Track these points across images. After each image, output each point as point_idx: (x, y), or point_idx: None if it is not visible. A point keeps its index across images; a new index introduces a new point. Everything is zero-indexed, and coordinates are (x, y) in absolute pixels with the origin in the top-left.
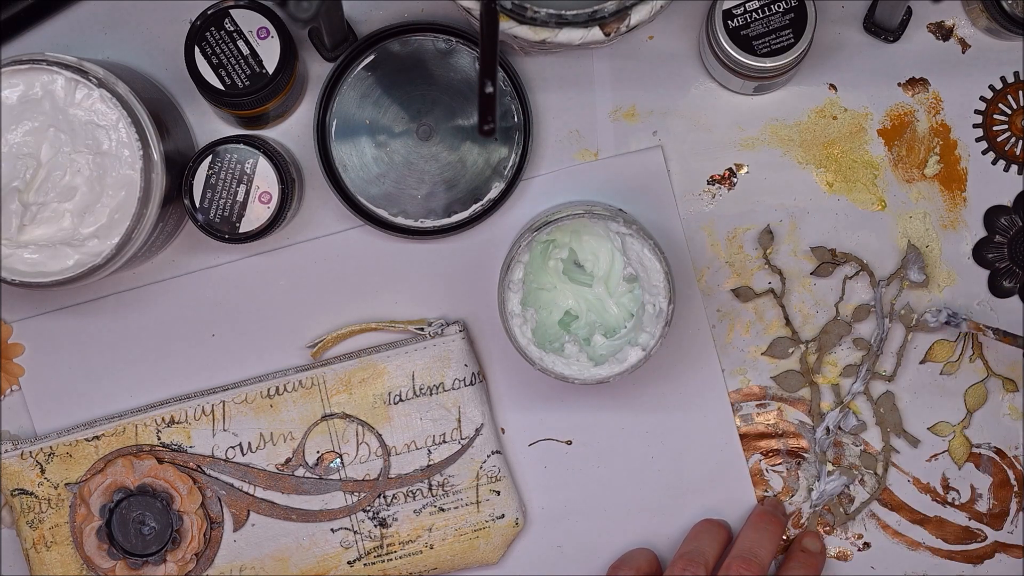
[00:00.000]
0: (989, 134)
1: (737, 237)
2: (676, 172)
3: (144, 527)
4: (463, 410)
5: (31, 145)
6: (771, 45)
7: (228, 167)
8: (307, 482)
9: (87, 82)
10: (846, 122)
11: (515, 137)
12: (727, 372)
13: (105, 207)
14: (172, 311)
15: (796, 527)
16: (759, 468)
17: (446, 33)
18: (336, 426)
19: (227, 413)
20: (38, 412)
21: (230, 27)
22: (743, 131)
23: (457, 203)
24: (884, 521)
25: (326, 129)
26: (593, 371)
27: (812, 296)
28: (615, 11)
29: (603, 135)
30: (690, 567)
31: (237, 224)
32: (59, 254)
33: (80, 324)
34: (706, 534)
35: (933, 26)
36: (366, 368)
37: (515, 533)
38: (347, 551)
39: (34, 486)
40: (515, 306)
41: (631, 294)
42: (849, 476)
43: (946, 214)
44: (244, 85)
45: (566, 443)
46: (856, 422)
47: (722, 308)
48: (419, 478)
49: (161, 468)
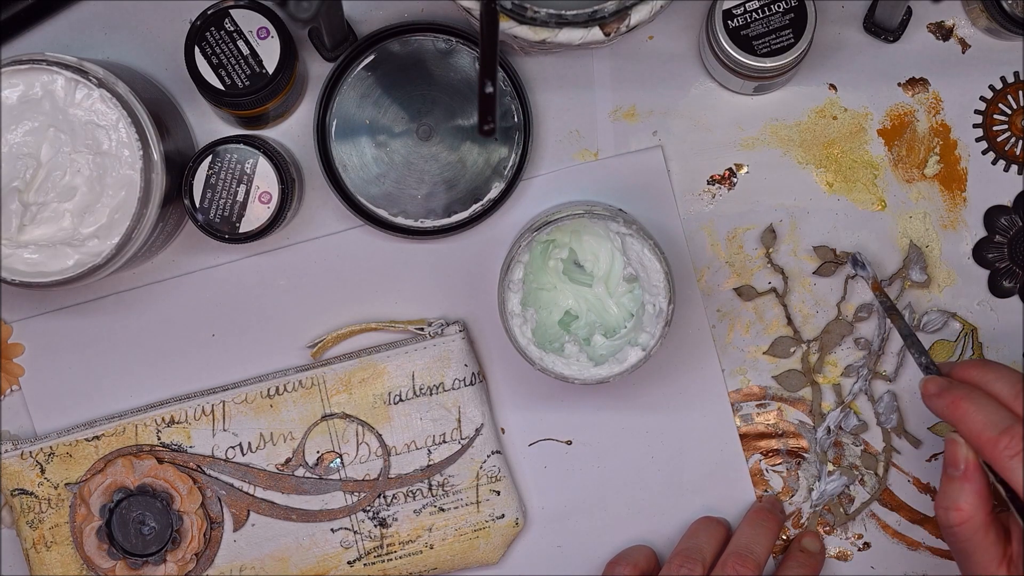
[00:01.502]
0: (989, 134)
1: (737, 237)
2: (676, 172)
3: (144, 527)
4: (463, 410)
5: (31, 145)
6: (771, 45)
7: (228, 167)
8: (307, 482)
9: (87, 82)
10: (846, 122)
11: (515, 137)
12: (727, 372)
13: (105, 207)
14: (172, 311)
15: (796, 527)
16: (759, 468)
17: (446, 33)
18: (336, 426)
19: (227, 413)
20: (38, 412)
21: (230, 27)
22: (743, 131)
23: (457, 203)
24: (884, 521)
25: (326, 129)
26: (593, 371)
27: (812, 296)
28: (615, 11)
29: (603, 135)
30: (687, 564)
31: (237, 224)
32: (59, 254)
33: (80, 324)
34: (704, 531)
35: (933, 26)
36: (366, 368)
37: (515, 533)
38: (347, 551)
39: (34, 486)
40: (515, 306)
41: (631, 294)
42: (850, 476)
43: (946, 214)
44: (244, 85)
45: (566, 443)
46: (857, 422)
47: (722, 308)
48: (419, 478)
49: (161, 468)
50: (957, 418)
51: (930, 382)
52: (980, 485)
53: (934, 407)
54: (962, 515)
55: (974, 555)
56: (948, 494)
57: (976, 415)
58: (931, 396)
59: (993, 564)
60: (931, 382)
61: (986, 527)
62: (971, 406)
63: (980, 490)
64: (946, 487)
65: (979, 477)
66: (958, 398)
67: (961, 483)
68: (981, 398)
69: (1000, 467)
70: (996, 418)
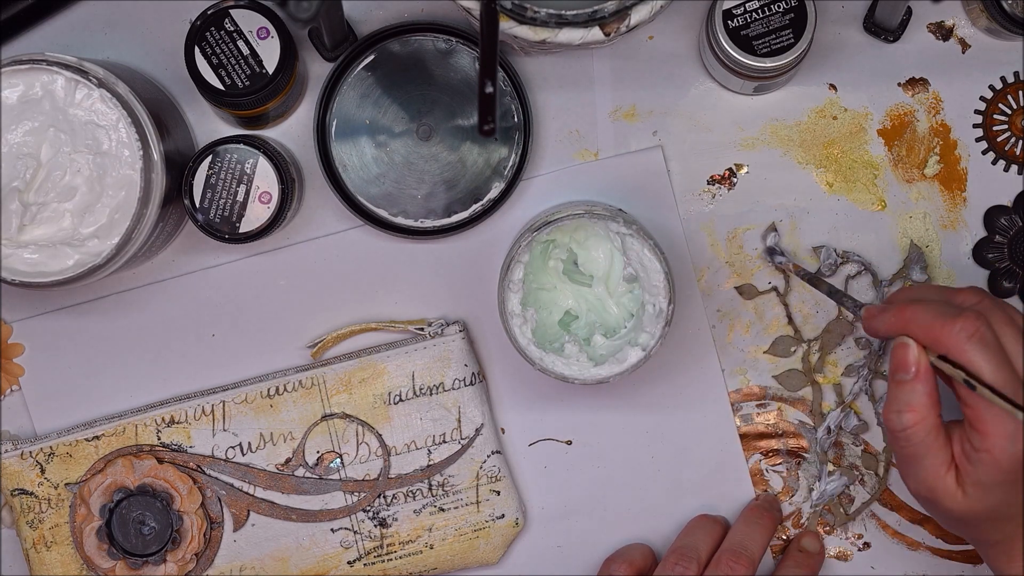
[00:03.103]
0: (989, 134)
1: (737, 237)
2: (676, 172)
3: (144, 527)
4: (463, 410)
5: (31, 145)
6: (771, 45)
7: (228, 167)
8: (307, 482)
9: (87, 82)
10: (846, 122)
11: (515, 137)
12: (727, 372)
13: (105, 207)
14: (172, 311)
15: (796, 527)
16: (759, 468)
17: (446, 33)
18: (336, 426)
19: (227, 413)
20: (38, 412)
21: (230, 27)
22: (743, 131)
23: (457, 203)
24: (884, 521)
25: (326, 129)
26: (593, 371)
27: (812, 295)
28: (615, 11)
29: (603, 135)
30: (681, 562)
31: (237, 224)
32: (59, 254)
33: (80, 324)
34: (700, 529)
35: (933, 26)
36: (366, 368)
37: (515, 533)
38: (347, 551)
39: (34, 486)
40: (515, 306)
41: (631, 294)
42: (850, 476)
43: (946, 214)
44: (244, 85)
45: (566, 443)
46: (857, 422)
47: (722, 308)
48: (419, 478)
49: (161, 468)
50: (904, 321)
51: (869, 308)
52: (931, 387)
53: (878, 326)
54: (915, 416)
55: (924, 459)
56: (899, 397)
57: (924, 311)
58: (873, 318)
59: (942, 469)
60: (870, 308)
61: (937, 429)
62: (917, 307)
63: (931, 392)
64: (895, 391)
65: (930, 379)
66: (901, 307)
67: (913, 385)
68: (923, 302)
69: (958, 351)
70: (944, 310)
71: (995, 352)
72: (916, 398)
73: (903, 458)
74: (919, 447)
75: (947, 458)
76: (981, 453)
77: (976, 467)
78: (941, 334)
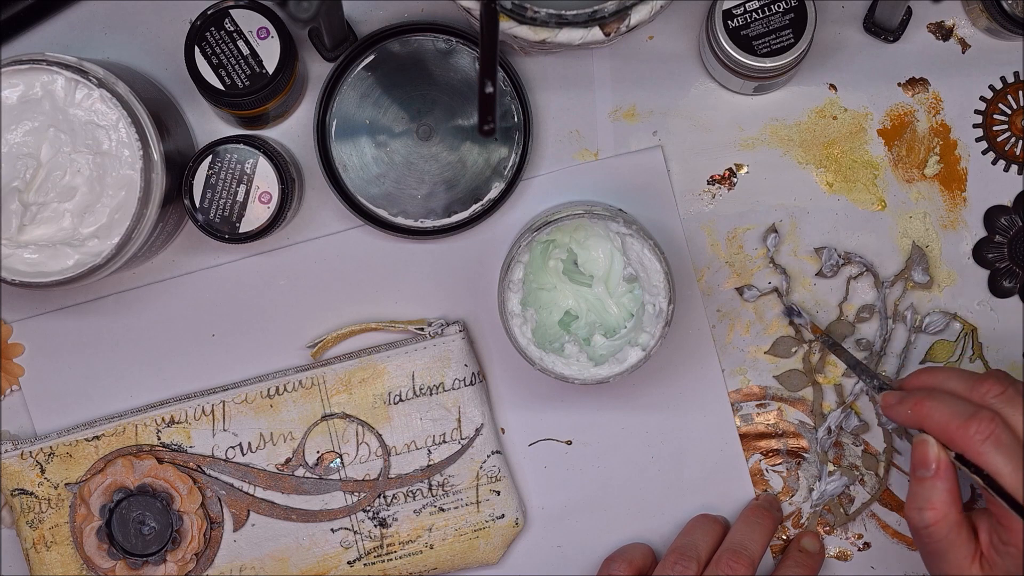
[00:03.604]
0: (989, 134)
1: (737, 237)
2: (676, 172)
3: (144, 527)
4: (463, 410)
5: (31, 145)
6: (771, 45)
7: (228, 167)
8: (307, 482)
9: (87, 82)
10: (846, 122)
11: (515, 137)
12: (727, 372)
13: (105, 207)
14: (172, 311)
15: (796, 527)
16: (759, 468)
17: (446, 33)
18: (336, 426)
19: (227, 413)
20: (38, 412)
21: (230, 27)
22: (743, 131)
23: (457, 203)
24: (884, 521)
25: (326, 129)
26: (593, 371)
27: (812, 296)
28: (615, 11)
29: (603, 135)
30: (681, 561)
31: (237, 224)
32: (59, 254)
33: (80, 324)
34: (700, 529)
35: (933, 26)
36: (366, 368)
37: (515, 533)
38: (347, 551)
39: (34, 486)
40: (515, 306)
41: (631, 294)
42: (850, 476)
43: (946, 214)
44: (244, 85)
45: (566, 443)
46: (858, 422)
47: (722, 308)
48: (419, 478)
49: (161, 468)
50: (922, 417)
51: (888, 395)
52: (952, 484)
53: (897, 415)
54: (936, 514)
55: (948, 554)
56: (920, 494)
57: (940, 409)
58: (892, 406)
59: (967, 562)
60: (889, 395)
61: (959, 525)
62: (933, 402)
63: (952, 488)
64: (916, 488)
65: (950, 475)
66: (919, 399)
67: (933, 482)
68: (941, 394)
69: (973, 453)
70: (960, 408)
71: (1012, 453)
72: (937, 495)
73: (927, 553)
74: (942, 543)
75: (971, 551)
76: (1009, 547)
77: (1004, 559)
78: (956, 436)
